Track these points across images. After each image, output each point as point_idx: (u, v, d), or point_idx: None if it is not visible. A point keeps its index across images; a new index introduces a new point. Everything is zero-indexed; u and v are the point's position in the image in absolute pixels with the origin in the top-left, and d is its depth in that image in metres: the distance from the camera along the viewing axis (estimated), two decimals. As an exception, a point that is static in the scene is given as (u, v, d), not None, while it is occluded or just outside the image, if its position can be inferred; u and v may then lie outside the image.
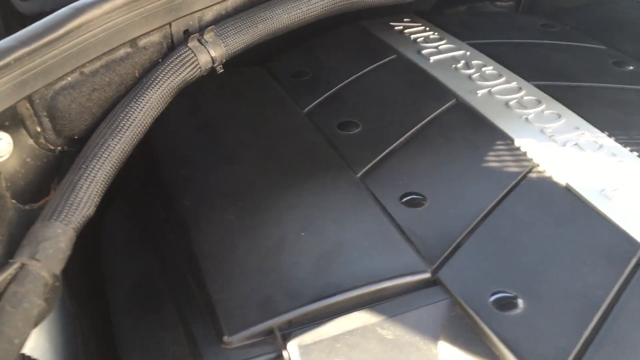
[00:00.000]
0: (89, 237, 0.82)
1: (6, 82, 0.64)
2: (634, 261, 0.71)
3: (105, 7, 0.72)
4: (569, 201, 0.80)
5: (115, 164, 0.72)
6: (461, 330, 0.66)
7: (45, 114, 0.70)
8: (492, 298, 0.68)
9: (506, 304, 0.67)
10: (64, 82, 0.71)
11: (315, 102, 1.04)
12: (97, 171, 0.70)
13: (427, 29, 1.24)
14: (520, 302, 0.67)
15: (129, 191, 1.01)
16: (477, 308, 0.67)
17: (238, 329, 0.65)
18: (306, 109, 1.03)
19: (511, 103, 1.00)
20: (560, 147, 0.90)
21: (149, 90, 0.77)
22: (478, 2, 1.42)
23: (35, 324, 0.64)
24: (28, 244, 0.64)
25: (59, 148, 0.73)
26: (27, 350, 0.62)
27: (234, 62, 0.87)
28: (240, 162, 0.90)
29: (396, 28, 1.25)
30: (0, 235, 0.66)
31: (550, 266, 0.70)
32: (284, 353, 0.64)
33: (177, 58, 0.79)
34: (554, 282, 0.68)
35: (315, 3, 0.89)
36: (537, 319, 0.65)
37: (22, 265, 0.63)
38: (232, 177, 0.87)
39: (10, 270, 0.62)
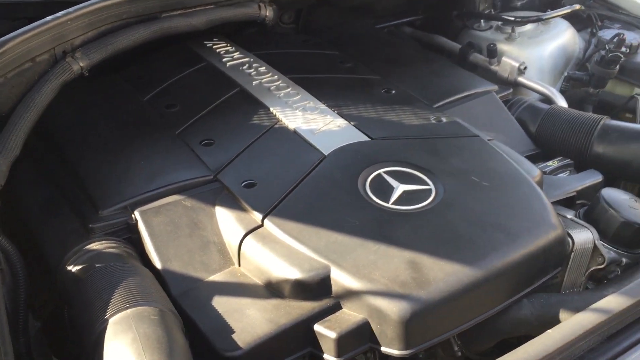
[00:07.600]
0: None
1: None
2: (316, 161, 1.39)
3: (17, 40, 1.28)
4: (292, 136, 1.48)
5: (28, 127, 1.28)
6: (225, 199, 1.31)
7: (-13, 100, 1.25)
8: (243, 183, 1.33)
9: (249, 184, 1.33)
10: (-4, 82, 1.26)
11: (152, 92, 1.64)
12: (19, 130, 1.26)
13: (228, 45, 1.88)
14: (257, 184, 1.33)
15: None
16: (233, 187, 1.32)
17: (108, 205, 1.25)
18: (145, 98, 1.63)
19: (271, 88, 1.66)
20: (294, 110, 1.57)
21: (44, 86, 1.34)
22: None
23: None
24: (-15, 167, 1.19)
25: (-6, 121, 1.29)
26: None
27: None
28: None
29: (207, 45, 1.88)
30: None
31: (275, 164, 1.37)
32: (132, 216, 1.25)
33: (59, 67, 1.37)
34: (274, 171, 1.35)
35: (143, 31, 1.50)
36: (263, 190, 1.31)
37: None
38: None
39: (-21, 180, 1.17)
